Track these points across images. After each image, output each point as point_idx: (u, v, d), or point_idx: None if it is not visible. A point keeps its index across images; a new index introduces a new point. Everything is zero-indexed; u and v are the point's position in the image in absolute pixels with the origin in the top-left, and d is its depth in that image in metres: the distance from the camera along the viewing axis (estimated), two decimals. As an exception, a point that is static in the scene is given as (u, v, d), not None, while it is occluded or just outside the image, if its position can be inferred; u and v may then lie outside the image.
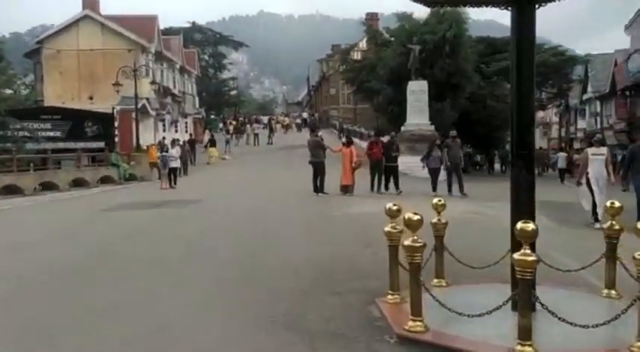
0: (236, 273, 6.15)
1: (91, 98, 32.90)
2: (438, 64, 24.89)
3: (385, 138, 16.71)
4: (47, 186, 18.28)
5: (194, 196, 14.68)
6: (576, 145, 52.57)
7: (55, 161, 23.04)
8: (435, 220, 5.47)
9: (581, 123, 50.64)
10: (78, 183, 19.47)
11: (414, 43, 24.69)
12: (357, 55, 40.23)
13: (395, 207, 4.71)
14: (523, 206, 4.53)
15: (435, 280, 5.35)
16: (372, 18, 56.30)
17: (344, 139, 15.77)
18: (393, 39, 28.13)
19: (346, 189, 14.52)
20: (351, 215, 10.46)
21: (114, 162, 21.82)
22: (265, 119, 58.28)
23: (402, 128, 24.88)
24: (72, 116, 26.42)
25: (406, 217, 4.19)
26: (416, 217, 4.18)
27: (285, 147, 35.21)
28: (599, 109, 44.02)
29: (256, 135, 40.00)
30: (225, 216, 10.63)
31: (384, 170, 15.19)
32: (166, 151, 18.91)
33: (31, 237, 8.92)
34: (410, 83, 24.33)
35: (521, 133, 4.72)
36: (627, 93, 34.92)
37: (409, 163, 23.51)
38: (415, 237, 4.14)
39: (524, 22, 4.62)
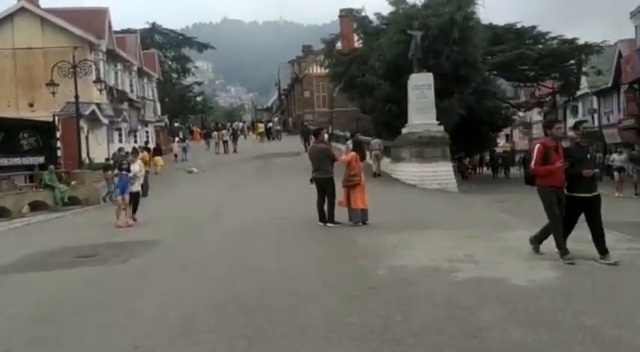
0: None
1: (31, 105, 28.00)
2: (444, 52, 20.93)
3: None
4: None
5: (148, 233, 10.22)
6: (565, 144, 49.64)
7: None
8: None
9: (573, 122, 47.71)
10: (-4, 213, 14.72)
11: (415, 29, 20.70)
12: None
13: None
14: None
15: None
16: (346, 15, 52.46)
17: (349, 143, 10.73)
18: (385, 27, 24.09)
19: (363, 216, 10.21)
20: (408, 274, 6.19)
21: (47, 183, 17.03)
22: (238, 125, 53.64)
23: (404, 130, 20.86)
24: (3, 126, 21.40)
25: None
26: None
27: (260, 157, 30.81)
28: (596, 105, 40.95)
29: (225, 142, 35.58)
30: (193, 284, 6.21)
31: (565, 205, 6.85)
32: (126, 168, 12.30)
33: None
34: (412, 76, 20.30)
35: None
36: (636, 86, 31.81)
37: (418, 173, 19.53)
38: None
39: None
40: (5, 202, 15.01)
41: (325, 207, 10.18)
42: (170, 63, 57.74)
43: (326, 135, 13.81)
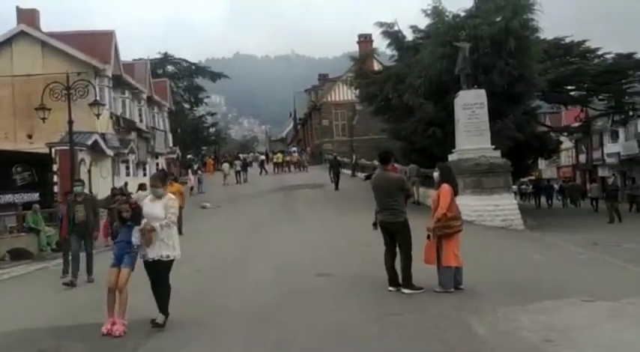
0: None
1: (29, 137, 25.31)
2: (497, 66, 18.02)
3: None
4: None
5: (148, 298, 6.99)
6: (602, 173, 45.95)
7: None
8: None
9: (612, 148, 44.15)
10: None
11: (463, 41, 17.90)
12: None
13: None
14: None
15: None
16: (365, 39, 50.30)
17: (436, 174, 7.50)
18: (423, 41, 21.33)
19: (457, 278, 7.00)
20: None
21: (31, 225, 14.13)
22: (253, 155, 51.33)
23: (452, 156, 17.79)
24: (-5, 160, 18.74)
25: None
26: None
27: (280, 189, 27.81)
28: (642, 129, 37.64)
29: (238, 172, 33.49)
30: None
31: None
32: (136, 212, 6.41)
33: None
34: (461, 94, 17.37)
35: None
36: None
37: (475, 207, 16.35)
38: None
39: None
40: (-25, 251, 12.08)
41: (397, 265, 7.07)
42: (182, 93, 55.61)
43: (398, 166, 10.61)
